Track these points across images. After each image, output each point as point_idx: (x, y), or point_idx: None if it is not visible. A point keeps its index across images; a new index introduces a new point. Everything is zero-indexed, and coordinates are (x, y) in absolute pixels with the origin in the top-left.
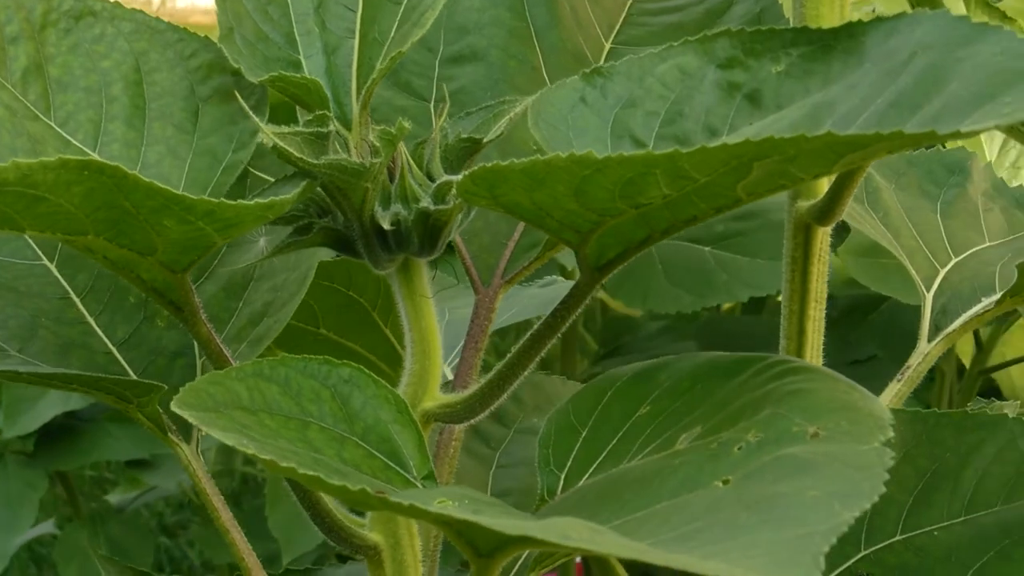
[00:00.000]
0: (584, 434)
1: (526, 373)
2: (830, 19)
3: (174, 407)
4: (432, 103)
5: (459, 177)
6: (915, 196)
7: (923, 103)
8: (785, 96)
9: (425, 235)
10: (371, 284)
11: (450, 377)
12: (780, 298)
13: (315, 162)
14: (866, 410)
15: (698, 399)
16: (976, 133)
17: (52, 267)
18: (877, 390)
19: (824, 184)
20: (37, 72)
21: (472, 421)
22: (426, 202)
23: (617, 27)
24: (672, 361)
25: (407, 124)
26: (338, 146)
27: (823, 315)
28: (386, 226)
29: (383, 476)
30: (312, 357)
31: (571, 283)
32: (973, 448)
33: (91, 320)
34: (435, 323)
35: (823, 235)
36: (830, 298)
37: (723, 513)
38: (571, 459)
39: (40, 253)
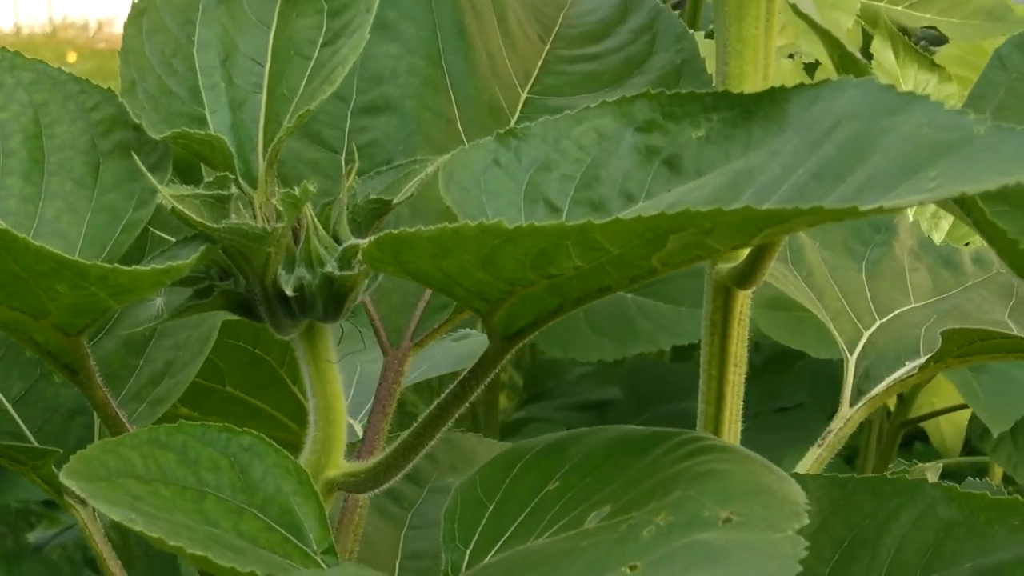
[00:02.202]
0: (491, 508)
1: (433, 442)
2: (753, 78)
3: (62, 477)
4: (344, 156)
5: (365, 242)
6: (840, 254)
7: (846, 175)
8: (705, 162)
9: (330, 300)
10: (278, 343)
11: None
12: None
13: (215, 227)
14: (781, 494)
15: (609, 476)
16: (900, 209)
17: None
18: (805, 438)
19: None
20: None
21: (378, 491)
22: (331, 267)
23: (534, 75)
24: (585, 434)
25: (311, 186)
26: (241, 206)
27: (743, 379)
28: (289, 292)
29: (281, 551)
30: (211, 424)
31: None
32: (891, 515)
33: None
34: (340, 389)
35: (743, 298)
36: (756, 345)
37: None
38: (477, 534)
39: None
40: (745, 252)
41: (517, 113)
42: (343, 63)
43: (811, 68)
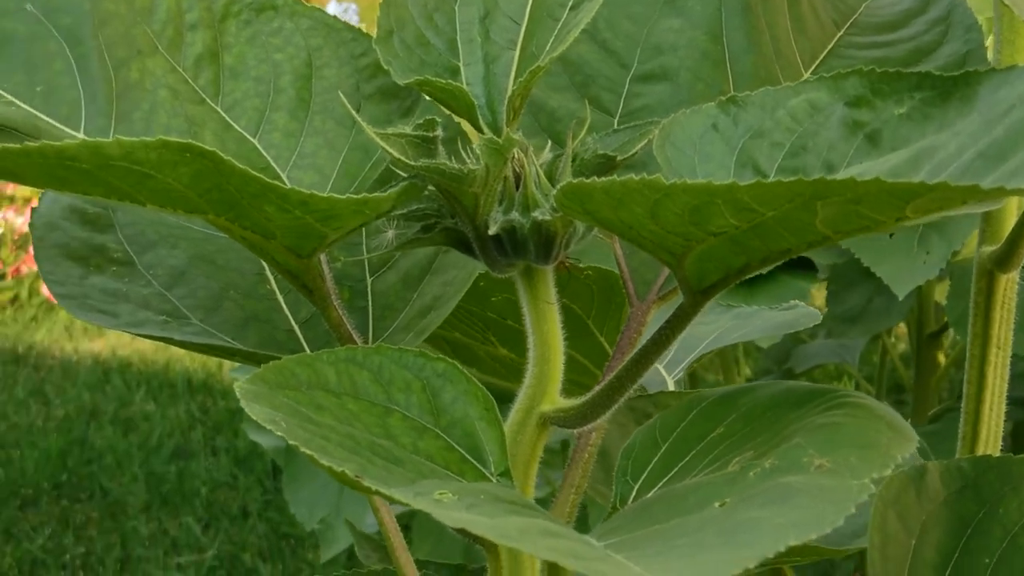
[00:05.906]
0: (663, 449)
1: (633, 388)
2: None
3: (238, 385)
4: (616, 118)
5: (556, 189)
6: None
7: (1009, 156)
8: (901, 138)
9: (540, 244)
10: (584, 292)
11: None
12: None
13: (413, 164)
14: (884, 448)
15: (764, 426)
16: (1015, 193)
17: None
18: None
19: (1007, 229)
20: (211, 59)
21: (585, 427)
22: (539, 212)
23: (820, 58)
24: (757, 387)
25: (515, 136)
26: (469, 151)
27: (1007, 361)
28: (492, 231)
29: (456, 469)
30: (408, 349)
31: (811, 309)
32: None
33: (280, 298)
34: (557, 329)
35: (1006, 281)
36: None
37: (702, 534)
38: (647, 471)
39: None
40: (1004, 235)
41: None
42: (577, 25)
43: None
